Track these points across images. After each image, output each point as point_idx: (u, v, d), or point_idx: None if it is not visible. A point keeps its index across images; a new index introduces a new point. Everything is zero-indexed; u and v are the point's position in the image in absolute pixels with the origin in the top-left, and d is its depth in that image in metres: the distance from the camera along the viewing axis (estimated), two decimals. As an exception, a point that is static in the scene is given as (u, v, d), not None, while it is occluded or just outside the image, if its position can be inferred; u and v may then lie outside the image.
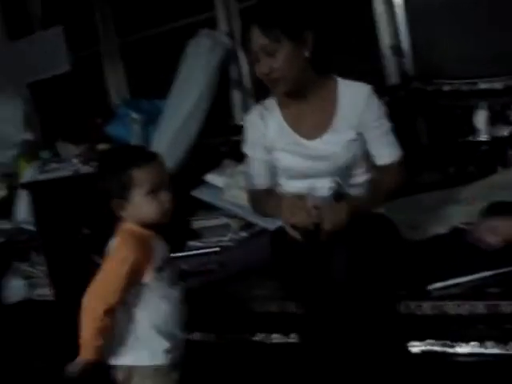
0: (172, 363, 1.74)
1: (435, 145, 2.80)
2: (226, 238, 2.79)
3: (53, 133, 4.13)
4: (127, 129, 3.36)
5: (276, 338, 2.10)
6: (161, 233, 1.79)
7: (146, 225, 1.74)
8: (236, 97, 3.52)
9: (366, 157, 2.08)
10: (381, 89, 2.93)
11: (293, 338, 2.05)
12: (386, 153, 2.04)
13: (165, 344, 1.72)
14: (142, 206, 1.70)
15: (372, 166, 2.08)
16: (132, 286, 1.68)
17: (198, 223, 2.95)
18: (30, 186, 3.42)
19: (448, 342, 1.83)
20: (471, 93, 2.74)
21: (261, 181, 2.15)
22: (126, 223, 1.76)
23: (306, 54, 1.97)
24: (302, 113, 2.06)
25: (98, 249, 2.50)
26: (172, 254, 2.62)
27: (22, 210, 3.68)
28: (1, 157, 4.07)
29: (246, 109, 3.47)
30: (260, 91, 3.42)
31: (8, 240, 3.81)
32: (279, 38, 1.91)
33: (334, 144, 2.01)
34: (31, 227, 3.55)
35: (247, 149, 2.19)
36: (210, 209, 2.95)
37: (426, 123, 2.82)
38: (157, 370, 1.72)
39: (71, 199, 3.04)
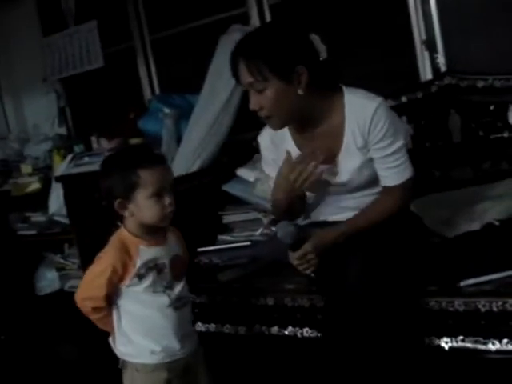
0: (159, 363, 1.78)
1: (468, 141, 2.77)
2: (256, 233, 2.80)
3: (86, 127, 4.19)
4: (159, 123, 3.39)
5: (307, 332, 2.12)
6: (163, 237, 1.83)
7: (145, 227, 1.77)
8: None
9: None
10: (414, 84, 2.95)
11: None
12: (390, 175, 1.92)
13: (150, 346, 1.77)
14: (144, 207, 1.71)
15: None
16: (113, 289, 1.75)
17: (228, 217, 2.96)
18: (64, 179, 3.47)
19: (480, 339, 1.83)
20: (505, 89, 2.70)
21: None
22: (121, 231, 1.79)
23: (299, 91, 1.83)
24: (313, 138, 1.97)
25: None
26: (203, 248, 2.70)
27: (56, 202, 3.75)
28: (35, 150, 4.15)
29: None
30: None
31: (41, 232, 3.88)
32: (267, 76, 1.79)
33: (346, 167, 1.94)
34: (64, 220, 3.61)
35: (264, 167, 2.16)
36: (240, 203, 2.97)
37: (459, 119, 2.80)
38: (144, 366, 1.78)
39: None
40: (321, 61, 1.87)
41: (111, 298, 1.78)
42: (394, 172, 1.91)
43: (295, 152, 1.96)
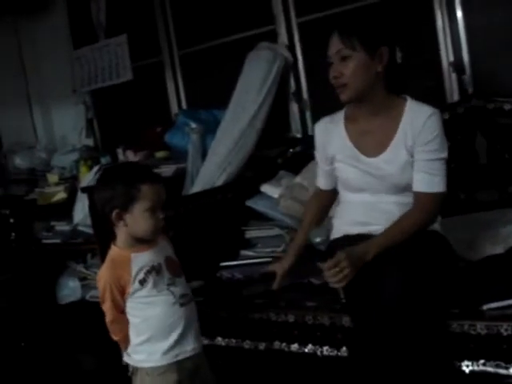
0: (170, 364, 1.85)
1: (494, 163, 2.76)
2: (279, 249, 2.80)
3: (113, 139, 4.24)
4: (185, 138, 3.43)
5: (327, 350, 2.11)
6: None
7: (135, 239, 1.86)
8: (293, 109, 3.55)
9: None
10: (441, 105, 2.94)
11: (344, 352, 2.06)
12: (425, 181, 1.99)
13: (160, 346, 1.85)
14: (140, 219, 1.82)
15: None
16: (120, 300, 1.86)
17: (251, 233, 2.97)
18: (89, 190, 3.49)
19: (501, 363, 1.81)
20: (532, 112, 2.70)
21: (320, 182, 2.29)
22: (112, 250, 1.89)
23: (379, 68, 1.99)
24: (366, 130, 2.08)
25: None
26: (225, 263, 2.71)
27: (80, 213, 3.78)
28: (62, 161, 4.21)
29: (303, 121, 3.52)
30: (317, 104, 3.47)
31: (65, 241, 3.91)
32: (355, 46, 1.97)
33: (390, 164, 2.02)
34: (88, 230, 3.63)
35: (316, 152, 2.28)
36: (264, 219, 2.98)
37: (486, 141, 2.79)
38: (153, 369, 1.86)
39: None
40: (401, 59, 2.05)
41: (122, 308, 1.88)
42: (429, 179, 1.98)
43: (345, 138, 2.11)
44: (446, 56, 3.06)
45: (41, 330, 3.67)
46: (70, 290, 3.94)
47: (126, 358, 1.93)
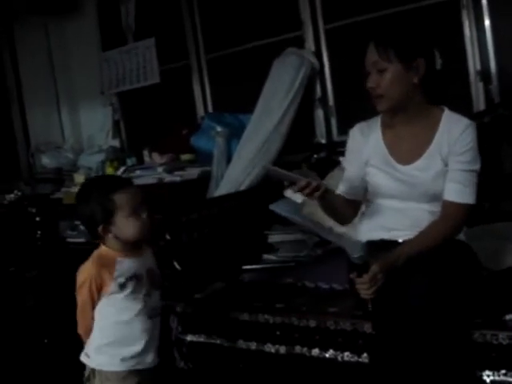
0: (130, 370, 1.91)
1: (519, 173, 2.75)
2: (301, 254, 2.81)
3: (139, 141, 4.28)
4: (211, 141, 3.45)
5: (348, 356, 2.12)
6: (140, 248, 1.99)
7: (129, 243, 1.93)
8: (319, 115, 3.56)
9: None
10: (467, 114, 2.94)
11: (365, 358, 2.07)
12: (456, 190, 2.00)
13: (121, 352, 1.91)
14: (125, 226, 1.89)
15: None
16: (96, 296, 1.91)
17: (274, 237, 2.98)
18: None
19: (523, 374, 1.81)
20: (558, 121, 2.68)
21: (342, 188, 2.24)
22: (100, 248, 1.95)
23: (415, 80, 2.00)
24: (401, 137, 2.10)
25: (178, 255, 2.61)
26: (247, 266, 2.73)
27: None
28: (89, 161, 4.25)
29: (328, 127, 3.53)
30: (342, 110, 3.48)
31: (89, 241, 3.94)
32: (391, 57, 1.99)
33: (423, 172, 2.04)
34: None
35: (344, 157, 2.29)
36: (287, 223, 2.98)
37: (511, 150, 2.78)
38: (115, 373, 1.91)
39: (155, 206, 3.13)
40: (436, 69, 2.06)
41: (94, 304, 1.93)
42: (460, 188, 2.00)
43: (380, 144, 2.13)
44: (474, 65, 3.05)
45: (63, 327, 3.70)
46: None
47: (83, 359, 1.98)
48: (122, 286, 1.89)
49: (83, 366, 2.00)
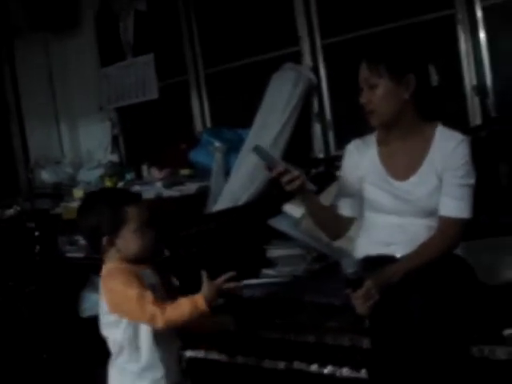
0: None
1: (516, 187, 2.76)
2: (300, 269, 2.82)
3: (138, 156, 4.30)
4: (209, 156, 3.47)
5: (346, 371, 2.12)
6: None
7: (130, 261, 1.86)
8: (316, 130, 3.58)
9: None
10: (463, 129, 2.95)
11: (363, 374, 2.06)
12: (451, 205, 2.01)
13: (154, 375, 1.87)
14: (131, 240, 1.84)
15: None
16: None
17: (272, 252, 2.99)
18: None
19: (521, 390, 1.81)
20: (554, 136, 2.69)
21: (335, 201, 2.24)
22: (109, 263, 1.88)
23: (406, 95, 2.02)
24: (396, 153, 2.12)
25: (177, 270, 2.61)
26: (246, 281, 2.73)
27: (105, 227, 3.82)
28: (88, 176, 4.26)
29: (326, 142, 3.54)
30: (340, 125, 3.49)
31: (88, 255, 3.95)
32: (381, 73, 2.01)
33: (418, 188, 2.05)
34: (111, 245, 3.68)
35: (341, 174, 2.28)
36: (285, 238, 2.99)
37: (508, 165, 2.79)
38: None
39: (152, 221, 3.14)
40: (431, 86, 2.11)
41: None
42: (456, 204, 2.00)
43: (376, 161, 2.14)
44: (470, 79, 3.07)
45: (62, 342, 3.70)
46: (92, 303, 3.96)
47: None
48: None
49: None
